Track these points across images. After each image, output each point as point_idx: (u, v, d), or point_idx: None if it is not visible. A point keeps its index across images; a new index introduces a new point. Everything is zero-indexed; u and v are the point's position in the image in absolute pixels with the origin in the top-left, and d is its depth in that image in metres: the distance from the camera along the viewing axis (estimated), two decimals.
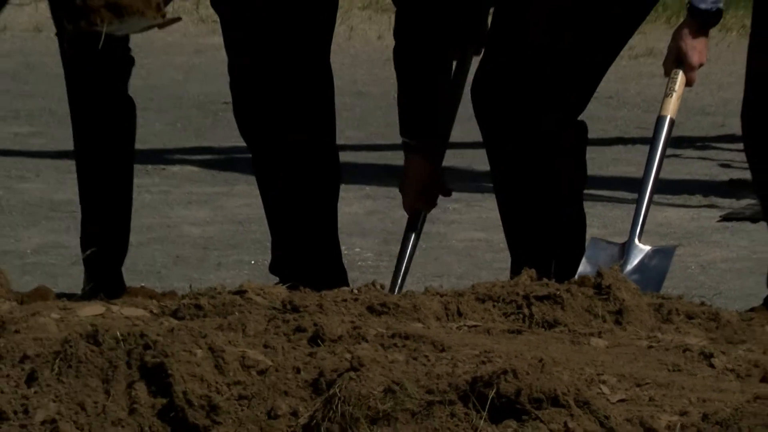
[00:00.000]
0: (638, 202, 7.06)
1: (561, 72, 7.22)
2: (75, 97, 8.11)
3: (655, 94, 7.12)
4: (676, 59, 6.91)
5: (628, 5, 7.30)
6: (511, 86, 7.27)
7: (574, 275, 6.56)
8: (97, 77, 7.87)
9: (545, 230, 7.24)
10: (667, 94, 6.87)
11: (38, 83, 7.92)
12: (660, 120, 6.97)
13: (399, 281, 7.29)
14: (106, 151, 8.11)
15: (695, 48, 6.88)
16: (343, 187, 7.78)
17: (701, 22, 6.91)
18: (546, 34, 7.29)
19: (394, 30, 7.47)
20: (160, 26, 7.11)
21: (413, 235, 7.40)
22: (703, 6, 6.82)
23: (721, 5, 6.86)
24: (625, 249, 6.96)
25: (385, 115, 8.66)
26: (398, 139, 7.51)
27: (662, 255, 7.14)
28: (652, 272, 6.99)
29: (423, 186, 7.36)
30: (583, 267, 7.01)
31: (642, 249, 6.97)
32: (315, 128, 7.66)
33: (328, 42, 7.75)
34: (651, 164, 6.95)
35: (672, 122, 6.96)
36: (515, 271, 6.54)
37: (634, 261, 6.98)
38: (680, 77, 6.91)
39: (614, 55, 7.34)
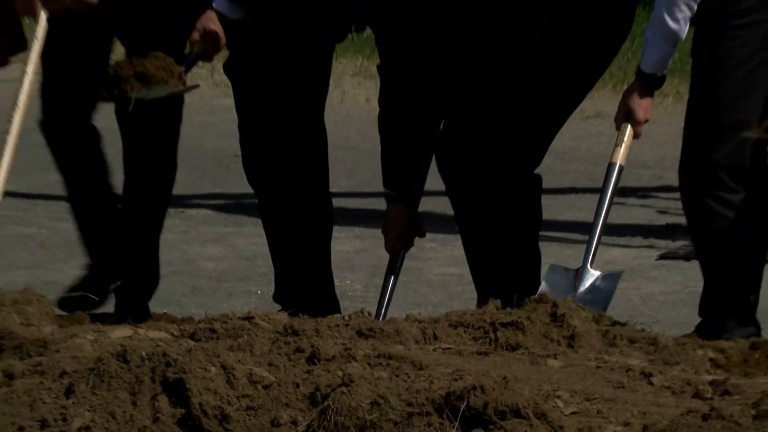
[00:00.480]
0: (591, 233, 7.00)
1: (519, 136, 7.17)
2: (131, 156, 7.90)
3: (602, 150, 7.18)
4: (626, 115, 6.87)
5: (580, 75, 7.31)
6: (474, 150, 7.26)
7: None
8: (146, 141, 7.74)
9: (503, 268, 7.19)
10: (617, 144, 6.90)
11: None
12: (611, 166, 6.94)
13: (383, 309, 7.19)
14: (149, 202, 7.97)
15: (642, 106, 6.84)
16: (335, 228, 7.81)
17: (647, 85, 6.86)
18: (508, 101, 7.26)
19: (379, 99, 7.49)
20: (182, 92, 7.32)
21: (394, 272, 7.33)
22: (649, 71, 6.82)
23: (665, 72, 6.90)
24: (579, 274, 6.88)
25: (372, 168, 8.70)
26: (383, 188, 7.46)
27: (610, 278, 7.02)
28: (602, 293, 6.89)
29: (402, 229, 7.31)
30: (543, 287, 6.96)
31: (593, 273, 6.88)
32: (311, 178, 7.61)
33: (322, 104, 7.70)
34: (603, 201, 6.95)
35: (621, 168, 6.98)
36: (482, 301, 6.61)
37: (587, 283, 6.88)
38: (628, 130, 6.89)
39: (564, 120, 7.37)
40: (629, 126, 6.89)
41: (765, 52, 6.99)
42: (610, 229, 8.07)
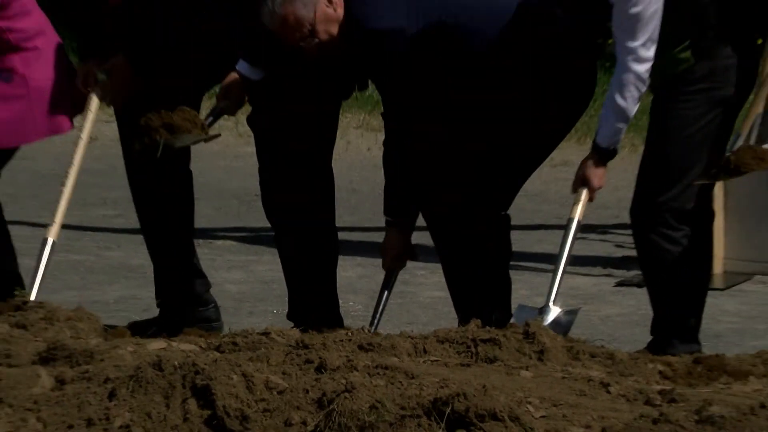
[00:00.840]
0: (553, 275, 6.94)
1: (492, 181, 7.14)
2: (140, 198, 7.88)
3: (569, 194, 7.15)
4: (582, 182, 6.84)
5: (547, 136, 7.28)
6: (451, 195, 7.19)
7: (506, 321, 6.62)
8: (165, 183, 7.67)
9: (479, 294, 7.11)
10: (575, 203, 6.86)
11: (120, 178, 7.86)
12: (570, 221, 6.92)
13: (377, 318, 7.20)
14: (173, 231, 7.86)
15: (596, 175, 6.82)
16: (341, 257, 7.78)
17: (602, 157, 6.81)
18: (480, 155, 7.21)
19: (384, 142, 7.39)
20: (205, 140, 7.33)
21: (388, 287, 7.35)
22: (603, 145, 6.77)
23: (617, 146, 6.88)
24: (543, 310, 6.82)
25: (372, 207, 8.80)
26: (382, 224, 7.45)
27: (570, 314, 6.95)
28: (562, 326, 6.80)
29: (397, 251, 7.26)
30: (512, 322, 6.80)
31: (555, 310, 6.81)
32: (320, 214, 7.59)
33: (330, 153, 7.71)
34: (563, 250, 6.91)
35: (579, 222, 6.93)
36: (463, 321, 6.54)
37: (550, 318, 6.79)
38: (584, 195, 6.84)
39: (531, 171, 7.37)
40: (585, 191, 6.87)
41: (711, 114, 6.99)
42: (574, 260, 8.01)
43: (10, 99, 7.68)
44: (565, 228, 6.94)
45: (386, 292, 7.28)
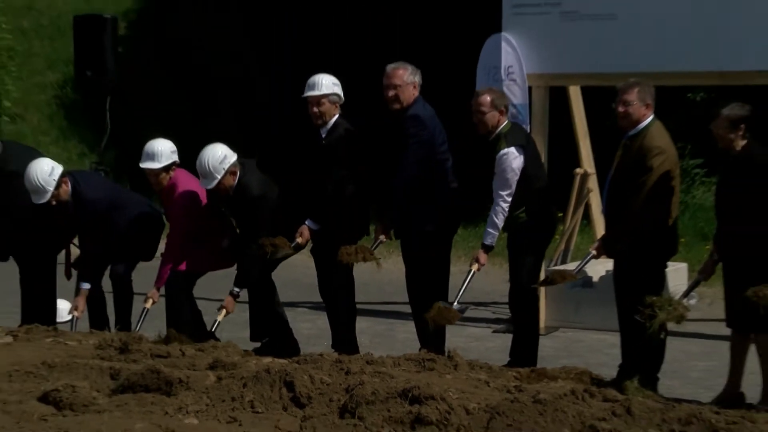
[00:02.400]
0: (459, 290, 6.60)
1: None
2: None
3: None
4: (475, 260, 6.55)
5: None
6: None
7: (441, 350, 6.14)
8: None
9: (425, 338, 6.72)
10: (471, 267, 6.58)
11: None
12: (470, 271, 6.58)
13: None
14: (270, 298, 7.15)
15: (483, 257, 6.53)
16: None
17: (486, 250, 6.55)
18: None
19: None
20: (291, 254, 6.87)
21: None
22: (487, 243, 6.54)
23: (494, 243, 6.58)
24: (452, 304, 6.54)
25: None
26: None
27: (463, 308, 6.65)
28: (461, 311, 6.61)
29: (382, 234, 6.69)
30: None
31: (457, 306, 6.53)
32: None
33: None
34: (464, 282, 6.57)
35: (473, 272, 6.60)
36: (423, 347, 6.33)
37: (456, 307, 6.54)
38: (476, 266, 6.58)
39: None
40: (476, 266, 6.56)
41: (533, 254, 6.82)
42: (471, 319, 7.97)
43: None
44: (468, 274, 6.56)
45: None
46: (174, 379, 4.61)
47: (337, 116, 6.72)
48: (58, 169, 6.92)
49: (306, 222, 6.73)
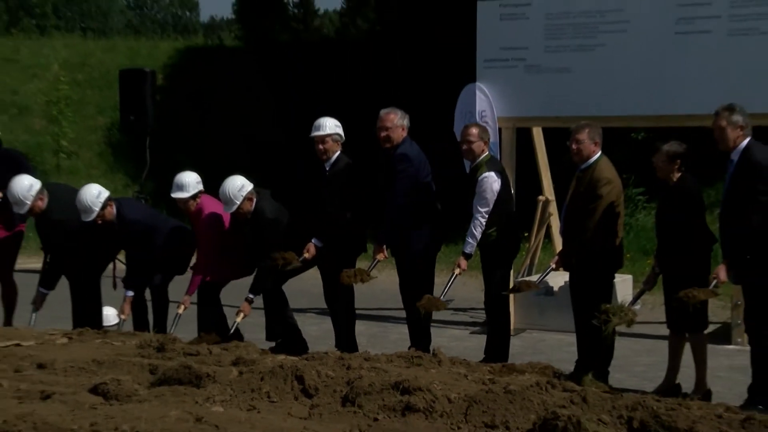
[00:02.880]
0: (445, 287, 6.48)
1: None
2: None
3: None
4: (457, 266, 6.44)
5: None
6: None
7: (427, 348, 6.27)
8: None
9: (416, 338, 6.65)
10: (454, 271, 6.48)
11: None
12: (453, 273, 6.49)
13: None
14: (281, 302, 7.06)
15: (463, 263, 6.43)
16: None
17: (466, 257, 6.44)
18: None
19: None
20: (301, 266, 6.73)
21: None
22: (467, 251, 6.44)
23: (472, 252, 6.49)
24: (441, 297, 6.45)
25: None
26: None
27: (449, 300, 6.66)
28: (448, 301, 6.62)
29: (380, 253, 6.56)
30: None
31: (444, 299, 6.46)
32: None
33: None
34: (448, 282, 6.43)
35: (456, 274, 6.49)
36: (413, 346, 6.22)
37: (443, 299, 6.46)
38: (458, 270, 6.46)
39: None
40: (458, 270, 6.44)
41: (503, 268, 6.74)
42: (451, 323, 7.89)
43: None
44: (451, 275, 6.45)
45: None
46: (203, 373, 4.59)
47: (338, 152, 6.70)
48: (105, 193, 6.96)
49: (312, 240, 6.70)
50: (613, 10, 7.92)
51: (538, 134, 9.19)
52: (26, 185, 6.92)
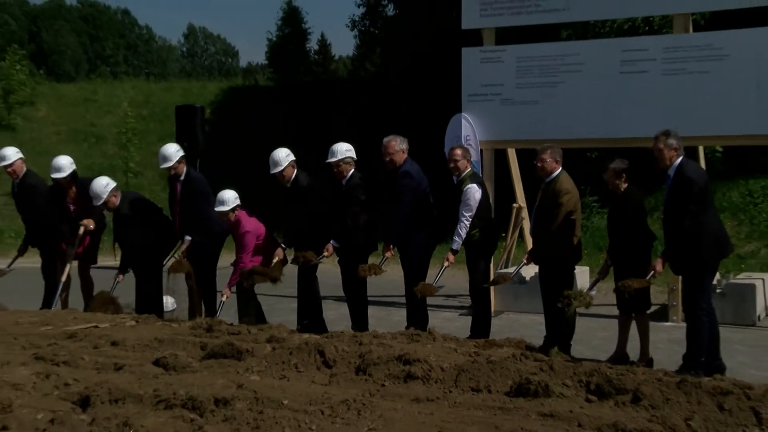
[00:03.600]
0: (437, 274, 6.32)
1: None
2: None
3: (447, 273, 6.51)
4: (446, 260, 6.32)
5: None
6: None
7: (425, 327, 6.08)
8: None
9: (413, 319, 6.51)
10: (444, 263, 6.35)
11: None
12: (443, 265, 6.34)
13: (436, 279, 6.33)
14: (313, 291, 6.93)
15: (451, 258, 6.33)
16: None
17: (454, 252, 6.34)
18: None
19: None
20: (320, 263, 6.65)
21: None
22: (454, 248, 6.33)
23: (458, 249, 6.35)
24: (435, 283, 6.33)
25: None
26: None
27: (440, 286, 6.36)
28: (440, 285, 6.37)
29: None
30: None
31: (436, 284, 6.32)
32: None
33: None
34: (440, 271, 6.30)
35: (445, 266, 6.35)
36: (409, 326, 6.18)
37: (436, 285, 6.32)
38: (446, 263, 6.34)
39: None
40: (447, 262, 6.31)
41: (484, 259, 6.61)
42: (450, 308, 7.71)
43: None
44: (441, 266, 6.34)
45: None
46: (243, 349, 4.54)
47: (352, 170, 6.58)
48: (112, 184, 6.95)
49: (331, 242, 6.63)
50: (570, 54, 7.97)
51: (512, 154, 9.11)
52: (104, 183, 6.92)
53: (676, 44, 7.42)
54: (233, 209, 6.79)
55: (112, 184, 7.00)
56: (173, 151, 6.98)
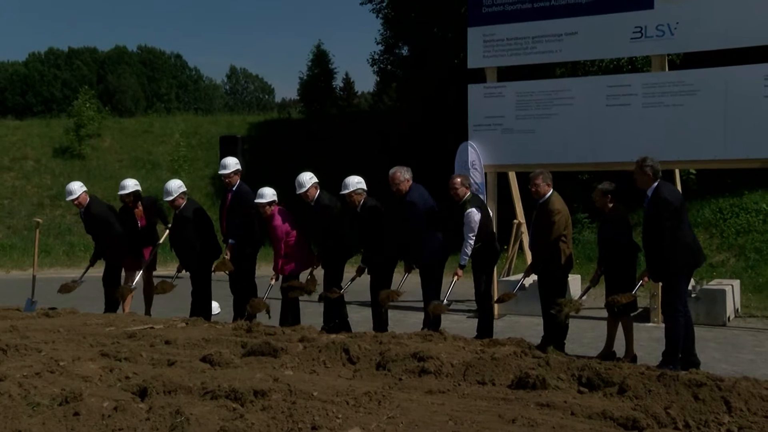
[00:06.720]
0: (448, 290, 6.15)
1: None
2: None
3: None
4: (455, 274, 6.18)
5: None
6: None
7: (437, 328, 5.90)
8: None
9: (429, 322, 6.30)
10: (454, 278, 6.21)
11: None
12: (453, 280, 6.20)
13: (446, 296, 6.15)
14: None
15: (459, 272, 6.18)
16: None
17: (461, 268, 6.19)
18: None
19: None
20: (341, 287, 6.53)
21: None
22: (462, 264, 6.18)
23: (465, 264, 6.20)
24: (443, 301, 6.17)
25: None
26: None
27: (448, 303, 6.18)
28: (448, 304, 6.19)
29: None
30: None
31: (444, 302, 6.14)
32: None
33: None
34: (449, 286, 6.17)
35: (455, 281, 6.20)
36: (426, 327, 6.08)
37: (445, 302, 6.17)
38: (456, 278, 6.20)
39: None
40: (456, 277, 6.18)
41: (486, 270, 6.38)
42: (459, 311, 7.58)
43: None
44: (451, 282, 6.20)
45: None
46: (278, 347, 4.53)
47: (363, 198, 6.42)
48: (183, 187, 6.93)
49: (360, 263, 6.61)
50: (563, 90, 7.96)
51: (512, 176, 9.02)
52: (178, 184, 6.93)
53: (654, 81, 7.43)
54: (270, 203, 6.65)
55: (183, 188, 7.00)
56: (233, 162, 6.94)
